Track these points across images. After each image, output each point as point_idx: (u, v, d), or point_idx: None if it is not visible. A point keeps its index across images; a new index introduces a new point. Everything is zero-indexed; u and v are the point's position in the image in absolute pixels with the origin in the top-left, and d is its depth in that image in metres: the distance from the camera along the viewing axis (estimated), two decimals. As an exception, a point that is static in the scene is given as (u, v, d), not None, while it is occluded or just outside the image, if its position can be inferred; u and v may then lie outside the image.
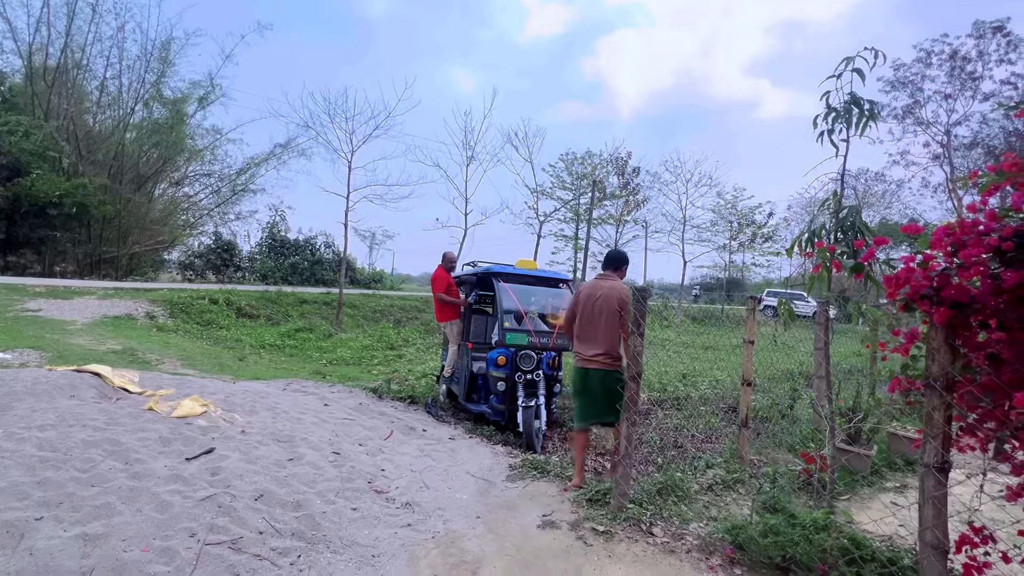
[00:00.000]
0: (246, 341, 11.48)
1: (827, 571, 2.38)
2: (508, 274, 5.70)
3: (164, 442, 3.05)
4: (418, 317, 17.01)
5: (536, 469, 4.00)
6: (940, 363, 2.10)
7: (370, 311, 16.34)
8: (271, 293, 15.65)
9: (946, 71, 29.58)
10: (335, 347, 11.78)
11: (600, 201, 24.00)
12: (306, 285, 19.60)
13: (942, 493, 2.12)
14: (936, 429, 2.12)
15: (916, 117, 31.66)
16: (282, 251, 20.56)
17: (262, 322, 13.59)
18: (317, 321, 14.31)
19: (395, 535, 2.74)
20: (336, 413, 4.95)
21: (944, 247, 2.02)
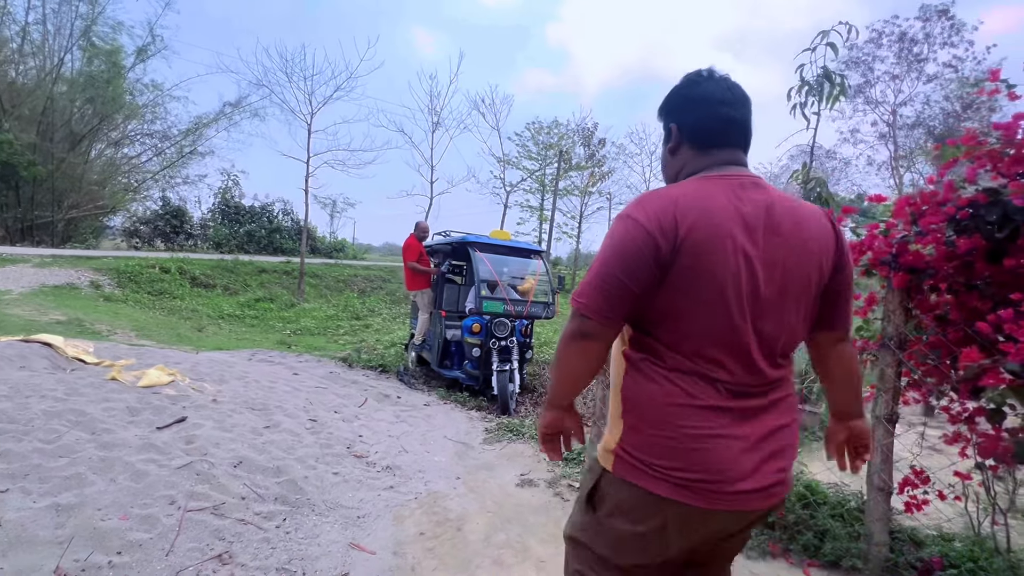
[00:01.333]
0: (203, 311, 11.03)
1: (784, 515, 2.59)
2: (483, 244, 5.69)
3: (132, 412, 2.95)
4: (382, 287, 16.79)
5: (511, 432, 4.11)
6: (895, 324, 2.28)
7: (333, 281, 15.97)
8: (227, 262, 15.00)
9: (895, 52, 30.71)
10: (298, 317, 11.51)
11: (566, 172, 23.95)
12: (264, 254, 18.87)
13: (890, 441, 2.33)
14: (888, 384, 2.31)
15: (866, 96, 32.90)
16: (237, 218, 19.60)
17: (219, 292, 13.06)
18: (278, 291, 13.89)
19: (378, 497, 2.79)
20: (307, 382, 4.89)
21: (905, 215, 2.16)
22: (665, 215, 0.98)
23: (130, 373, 3.46)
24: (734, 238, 0.99)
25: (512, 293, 5.63)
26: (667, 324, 1.03)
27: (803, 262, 1.04)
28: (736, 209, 1.01)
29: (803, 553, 2.47)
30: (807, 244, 1.04)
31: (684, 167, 1.14)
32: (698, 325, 1.01)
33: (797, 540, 2.50)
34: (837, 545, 2.36)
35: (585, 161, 26.68)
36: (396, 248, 52.78)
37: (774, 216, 1.02)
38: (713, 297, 0.99)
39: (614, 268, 1.00)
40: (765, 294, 1.01)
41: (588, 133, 26.45)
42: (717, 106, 1.11)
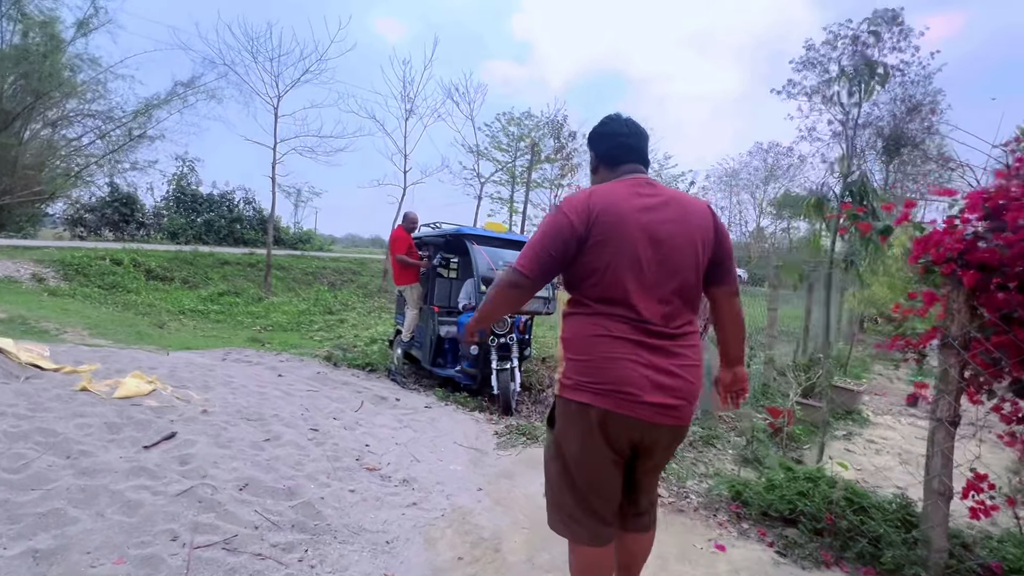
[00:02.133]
0: (161, 307, 10.28)
1: (835, 521, 2.49)
2: (480, 236, 5.41)
3: (112, 428, 2.56)
4: (353, 280, 16.20)
5: (524, 435, 3.91)
6: (960, 323, 2.18)
7: (301, 273, 15.27)
8: (186, 253, 14.07)
9: (848, 55, 31.90)
10: (267, 312, 10.90)
11: (537, 164, 23.75)
12: (224, 245, 17.84)
13: (950, 445, 2.26)
14: (951, 385, 2.22)
15: (823, 95, 34.08)
16: (194, 207, 18.39)
17: (178, 285, 12.22)
18: (242, 284, 13.13)
19: (403, 516, 2.52)
20: (296, 385, 4.52)
21: (979, 210, 2.07)
22: (582, 205, 1.44)
23: (103, 382, 3.04)
24: (632, 219, 1.42)
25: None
26: (588, 281, 1.45)
27: (686, 234, 1.46)
28: (634, 199, 1.46)
29: (857, 561, 2.38)
30: (689, 221, 1.48)
31: (603, 180, 1.61)
32: (608, 280, 1.42)
33: (850, 548, 2.42)
34: (898, 552, 2.27)
35: (554, 154, 26.54)
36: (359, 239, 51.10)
37: (663, 203, 1.48)
38: (618, 259, 1.41)
39: (544, 242, 1.44)
40: (657, 257, 1.42)
41: (558, 125, 26.29)
42: (619, 137, 1.62)
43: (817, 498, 2.59)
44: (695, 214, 1.50)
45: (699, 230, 1.48)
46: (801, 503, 2.60)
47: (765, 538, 2.62)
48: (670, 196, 1.51)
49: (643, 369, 1.38)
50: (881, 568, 2.31)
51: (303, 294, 13.26)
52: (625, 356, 1.38)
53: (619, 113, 1.68)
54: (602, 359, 1.39)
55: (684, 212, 1.48)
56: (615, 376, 1.38)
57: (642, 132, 1.63)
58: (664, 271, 1.42)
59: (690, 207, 1.51)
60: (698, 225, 1.48)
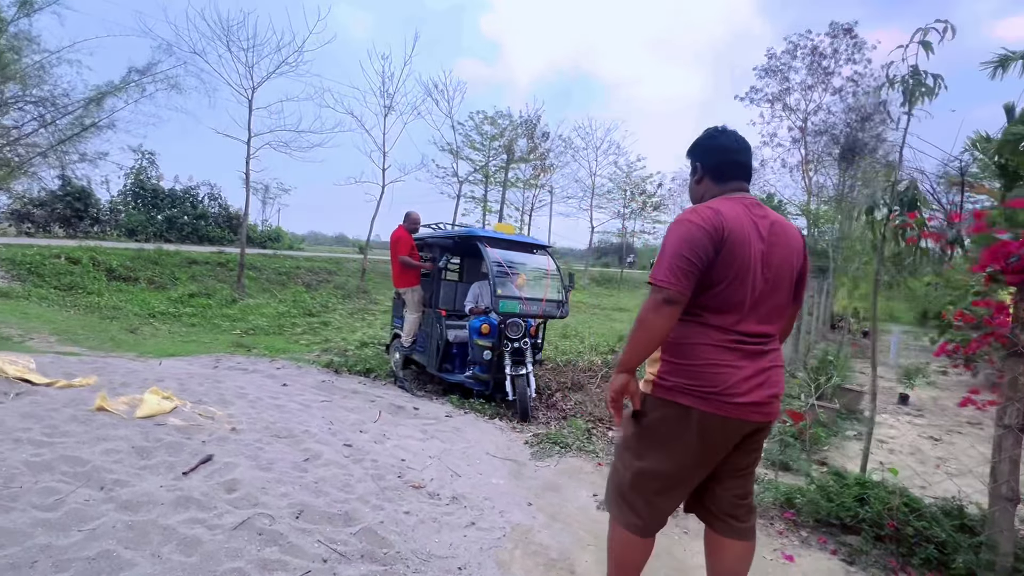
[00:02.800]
0: (128, 309, 9.62)
1: (898, 527, 2.51)
2: (492, 238, 5.27)
3: (142, 453, 2.30)
4: (329, 280, 15.66)
5: (556, 444, 3.81)
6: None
7: (274, 273, 14.63)
8: (149, 252, 13.24)
9: (807, 64, 33.19)
10: (244, 314, 10.37)
11: (515, 163, 23.69)
12: (188, 243, 16.91)
13: (1019, 451, 2.30)
14: (1020, 392, 2.28)
15: (784, 103, 35.34)
16: (154, 203, 17.32)
17: (143, 286, 11.48)
18: (213, 285, 12.46)
19: (465, 538, 2.38)
20: (306, 395, 4.26)
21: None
22: (715, 220, 1.47)
23: (118, 400, 2.74)
24: (753, 242, 1.50)
25: (525, 291, 5.28)
26: (708, 292, 1.49)
27: (788, 258, 1.57)
28: (751, 220, 1.52)
29: (924, 567, 2.40)
30: (790, 245, 1.58)
31: (706, 192, 1.67)
32: (724, 295, 1.48)
33: (916, 554, 2.44)
34: (968, 558, 2.30)
35: (527, 154, 26.52)
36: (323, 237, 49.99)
37: (772, 226, 1.55)
38: (737, 278, 1.47)
39: (685, 253, 1.44)
40: (766, 277, 1.52)
41: (531, 125, 26.26)
42: (731, 154, 1.65)
43: (877, 505, 2.61)
44: (793, 239, 1.60)
45: (796, 255, 1.60)
46: (863, 510, 2.61)
47: (826, 546, 2.61)
48: (775, 220, 1.58)
49: (740, 374, 1.47)
50: (950, 573, 2.34)
51: (279, 295, 12.70)
52: (727, 363, 1.47)
53: (725, 126, 1.71)
54: (707, 365, 1.47)
55: (787, 238, 1.57)
56: (719, 381, 1.46)
57: (749, 147, 1.67)
58: (768, 291, 1.53)
59: (790, 233, 1.60)
60: (796, 250, 1.60)
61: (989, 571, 2.27)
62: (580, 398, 5.49)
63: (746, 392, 1.47)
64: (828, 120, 33.91)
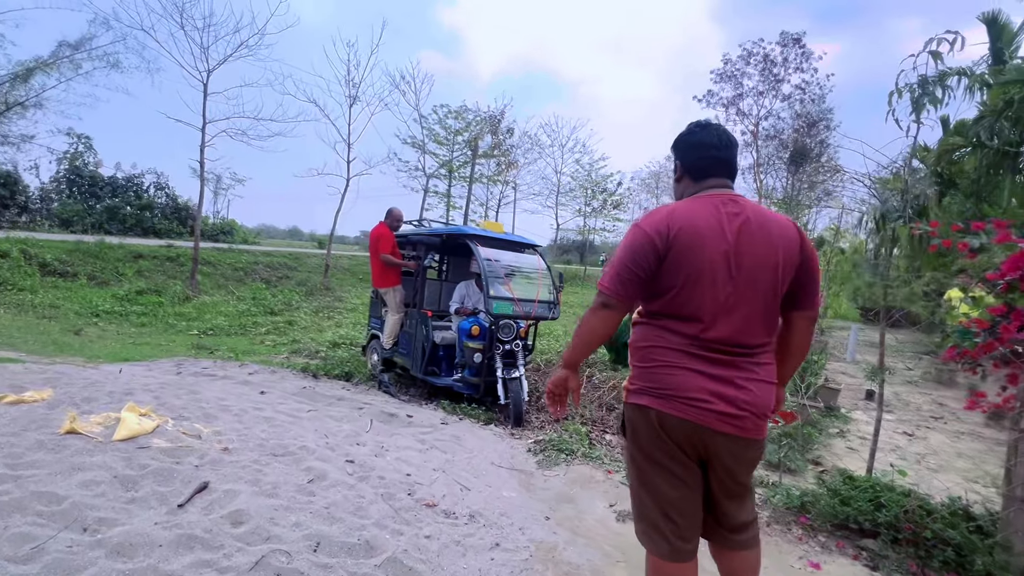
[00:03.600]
0: (68, 308, 8.81)
1: (915, 530, 2.55)
2: (483, 237, 5.09)
3: (126, 484, 2.00)
4: (290, 276, 14.95)
5: (560, 451, 3.70)
6: (1046, 339, 2.30)
7: (230, 269, 13.83)
8: (89, 245, 12.19)
9: (759, 71, 34.47)
10: (200, 313, 9.73)
11: (484, 157, 23.43)
12: (132, 235, 15.69)
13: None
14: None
15: (737, 108, 36.51)
16: (93, 191, 15.97)
17: (83, 282, 10.55)
18: (163, 281, 11.63)
19: (492, 561, 2.23)
20: (288, 403, 3.96)
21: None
22: (662, 223, 1.43)
23: (92, 421, 2.39)
24: (712, 241, 1.40)
25: (517, 292, 5.14)
26: (661, 298, 1.46)
27: (767, 256, 1.42)
28: (716, 220, 1.43)
29: (943, 569, 2.44)
30: (772, 241, 1.43)
31: (685, 191, 1.59)
32: (681, 298, 1.42)
33: (934, 556, 2.48)
34: (987, 559, 2.36)
35: (491, 149, 26.29)
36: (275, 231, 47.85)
37: (746, 223, 1.43)
38: (692, 280, 1.40)
39: (627, 261, 1.44)
40: (734, 280, 1.40)
41: (496, 121, 26.01)
42: (709, 150, 1.54)
43: (894, 508, 2.64)
44: (778, 236, 1.44)
45: (782, 252, 1.44)
46: (880, 514, 2.64)
47: (846, 551, 2.63)
48: (753, 216, 1.44)
49: (702, 380, 1.39)
50: (968, 575, 2.39)
51: (237, 292, 11.99)
52: (685, 366, 1.41)
53: (708, 121, 1.62)
54: (662, 366, 1.43)
55: (767, 234, 1.42)
56: (674, 383, 1.41)
57: (733, 143, 1.56)
58: (740, 295, 1.40)
59: (774, 228, 1.44)
60: (781, 247, 1.44)
61: (1004, 571, 2.33)
62: (567, 400, 5.41)
63: (708, 398, 1.39)
64: (777, 125, 35.38)
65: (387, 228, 5.63)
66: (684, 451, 1.45)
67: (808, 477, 3.73)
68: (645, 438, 1.49)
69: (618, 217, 33.56)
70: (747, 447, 1.47)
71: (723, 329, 1.40)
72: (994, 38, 8.93)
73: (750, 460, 1.52)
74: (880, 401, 3.10)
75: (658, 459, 1.48)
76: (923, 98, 2.96)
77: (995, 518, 2.52)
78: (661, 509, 1.49)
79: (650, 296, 1.49)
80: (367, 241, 6.77)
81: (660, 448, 1.46)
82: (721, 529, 1.60)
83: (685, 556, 1.51)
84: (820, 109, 35.03)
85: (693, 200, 1.50)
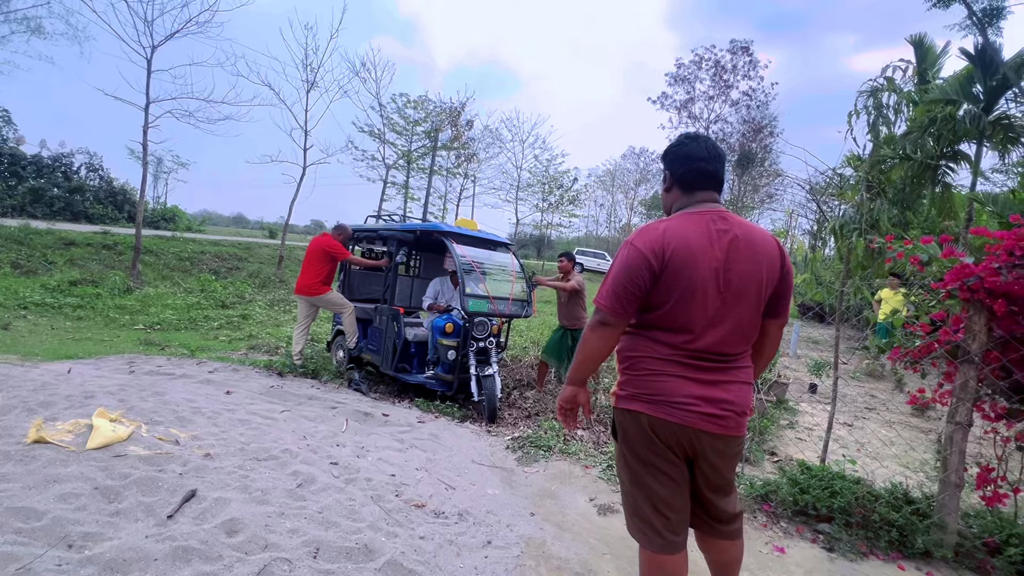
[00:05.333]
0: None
1: (865, 514, 2.81)
2: (458, 234, 5.08)
3: (108, 495, 1.90)
4: (240, 267, 14.28)
5: (538, 447, 3.78)
6: (980, 342, 2.58)
7: (175, 259, 13.04)
8: (11, 229, 11.17)
9: (710, 76, 35.78)
10: (144, 306, 9.15)
11: (445, 148, 23.14)
12: (61, 220, 14.47)
13: (964, 445, 2.67)
14: (969, 394, 2.63)
15: (689, 111, 37.76)
16: (14, 171, 14.56)
17: (7, 271, 9.66)
18: (99, 271, 10.82)
19: (486, 560, 2.28)
20: (258, 404, 3.83)
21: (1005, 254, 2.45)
22: (657, 242, 1.49)
23: (60, 428, 2.23)
24: (704, 260, 1.47)
25: (491, 290, 5.17)
26: (653, 312, 1.53)
27: (753, 272, 1.51)
28: (707, 238, 1.50)
29: (888, 548, 2.71)
30: (757, 258, 1.52)
31: (675, 202, 1.66)
32: (672, 314, 1.50)
33: (881, 537, 2.74)
34: (927, 538, 2.64)
35: (451, 142, 26.03)
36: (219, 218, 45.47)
37: (734, 240, 1.51)
38: (684, 297, 1.47)
39: (623, 279, 1.49)
40: (722, 297, 1.49)
41: (456, 113, 25.72)
42: (698, 162, 1.60)
43: (847, 495, 2.90)
44: (763, 253, 1.53)
45: (766, 269, 1.54)
46: (835, 501, 2.89)
47: (804, 535, 2.86)
48: (742, 232, 1.52)
49: (689, 385, 1.49)
50: (910, 553, 2.67)
51: (184, 284, 11.33)
52: (674, 374, 1.50)
53: (698, 133, 1.71)
54: (651, 374, 1.52)
55: (754, 252, 1.51)
56: (663, 389, 1.50)
57: (721, 155, 1.63)
58: (727, 309, 1.49)
59: (759, 245, 1.53)
60: (766, 264, 1.53)
61: (939, 548, 2.62)
62: (537, 396, 5.52)
63: (695, 402, 1.49)
64: (726, 129, 36.96)
65: (334, 239, 5.52)
66: (673, 451, 1.55)
67: (766, 467, 4.00)
68: (637, 441, 1.58)
69: (574, 213, 34.17)
70: (729, 444, 1.59)
71: (710, 340, 1.50)
72: (920, 59, 9.76)
73: (732, 456, 1.65)
74: (834, 396, 3.37)
75: (649, 460, 1.57)
76: (878, 120, 3.21)
77: (931, 501, 2.81)
78: (653, 506, 1.58)
79: (641, 310, 1.56)
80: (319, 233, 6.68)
81: (651, 450, 1.56)
82: (710, 520, 1.72)
83: (676, 548, 1.61)
84: (765, 115, 36.69)
85: (684, 217, 1.56)
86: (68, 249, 11.34)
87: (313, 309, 5.69)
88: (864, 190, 3.15)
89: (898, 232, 2.76)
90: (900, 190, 8.53)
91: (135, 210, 17.27)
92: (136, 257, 10.95)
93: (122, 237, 12.86)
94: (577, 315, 5.35)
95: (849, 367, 9.01)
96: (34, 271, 10.03)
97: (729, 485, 1.70)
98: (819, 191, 5.68)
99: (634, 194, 46.28)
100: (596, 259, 30.55)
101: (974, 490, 2.73)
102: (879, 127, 3.15)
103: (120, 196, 16.22)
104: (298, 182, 14.02)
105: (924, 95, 9.45)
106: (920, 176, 9.32)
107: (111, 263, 11.40)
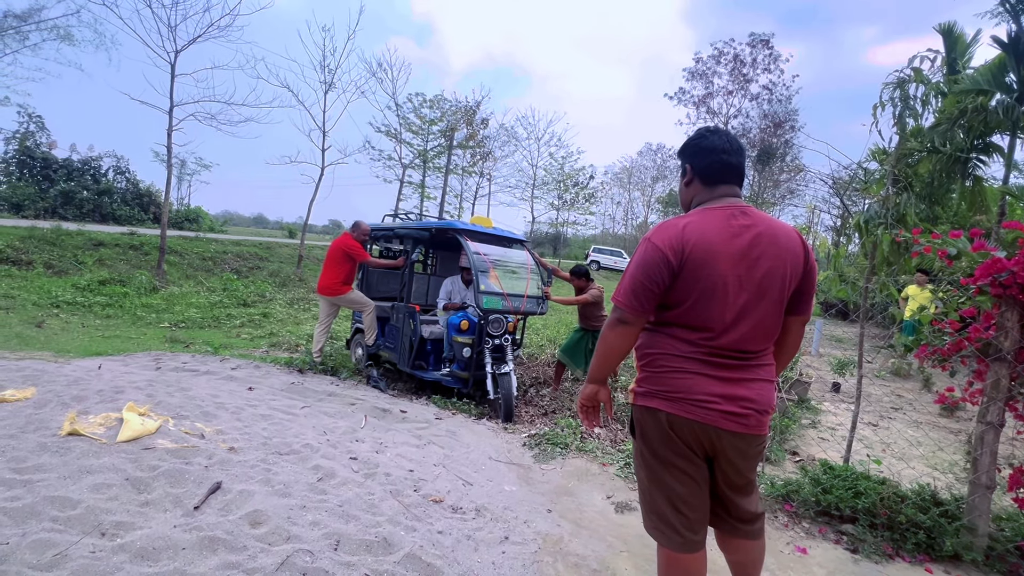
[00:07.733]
0: (24, 298, 8.35)
1: (890, 515, 2.75)
2: (472, 232, 5.10)
3: (138, 486, 1.96)
4: (261, 266, 14.53)
5: (555, 445, 3.78)
6: (1012, 339, 2.50)
7: (198, 259, 13.33)
8: (44, 231, 11.54)
9: (729, 70, 35.13)
10: (170, 304, 9.38)
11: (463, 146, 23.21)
12: (90, 222, 14.92)
13: (996, 446, 2.59)
14: (1002, 393, 2.55)
15: (708, 107, 37.17)
16: (46, 174, 15.07)
17: (40, 271, 9.99)
18: (126, 270, 11.12)
19: (504, 555, 2.29)
20: (280, 400, 3.91)
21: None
22: (676, 239, 1.46)
23: (92, 421, 2.32)
24: (724, 256, 1.45)
25: (505, 287, 5.18)
26: (674, 309, 1.50)
27: (777, 268, 1.48)
28: (728, 234, 1.47)
29: (915, 551, 2.64)
30: (780, 254, 1.49)
31: (695, 196, 1.63)
32: (694, 311, 1.47)
33: (907, 539, 2.68)
34: (955, 541, 2.57)
35: (466, 140, 26.08)
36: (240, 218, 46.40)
37: (757, 236, 1.48)
38: (705, 295, 1.45)
39: (641, 277, 1.47)
40: (747, 291, 1.46)
41: (471, 112, 25.76)
42: (720, 155, 1.58)
43: (872, 495, 2.84)
44: (787, 249, 1.49)
45: (790, 264, 1.50)
46: (859, 502, 2.83)
47: (827, 535, 2.81)
48: (764, 228, 1.49)
49: (710, 383, 1.46)
50: (938, 556, 2.60)
51: (207, 283, 11.59)
52: (695, 372, 1.47)
53: (718, 127, 1.69)
54: (670, 371, 1.49)
55: (776, 248, 1.47)
56: (683, 386, 1.47)
57: (742, 149, 1.62)
58: (749, 306, 1.46)
59: (783, 241, 1.49)
60: (789, 260, 1.49)
61: (970, 551, 2.55)
62: (554, 393, 5.51)
63: (715, 399, 1.46)
64: (746, 124, 36.30)
65: (353, 239, 5.58)
66: (692, 449, 1.52)
67: (787, 467, 3.93)
68: (655, 438, 1.55)
69: (591, 211, 34.02)
70: (751, 443, 1.55)
71: (731, 337, 1.46)
72: (949, 48, 9.42)
73: (754, 455, 1.61)
74: (859, 395, 3.30)
75: (668, 457, 1.54)
76: (905, 112, 3.13)
77: (961, 503, 2.74)
78: (671, 504, 1.56)
79: (661, 307, 1.53)
80: (338, 233, 6.80)
81: (670, 447, 1.53)
82: (731, 519, 1.69)
83: (695, 547, 1.59)
84: (786, 110, 35.88)
85: (704, 212, 1.53)
86: (97, 250, 11.69)
87: (334, 308, 5.78)
88: (890, 184, 3.06)
89: (926, 227, 2.69)
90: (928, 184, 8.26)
91: (160, 211, 17.73)
92: (161, 257, 11.24)
93: (148, 238, 13.20)
94: (596, 317, 5.33)
95: (874, 365, 8.80)
96: (65, 271, 10.36)
97: (750, 484, 1.67)
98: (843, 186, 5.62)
99: (651, 191, 45.91)
100: (613, 257, 30.36)
101: (1006, 492, 2.65)
102: (906, 119, 3.06)
103: (146, 198, 16.67)
104: (316, 182, 14.23)
105: (954, 85, 9.11)
106: (949, 169, 9.00)
107: (138, 263, 11.72)
